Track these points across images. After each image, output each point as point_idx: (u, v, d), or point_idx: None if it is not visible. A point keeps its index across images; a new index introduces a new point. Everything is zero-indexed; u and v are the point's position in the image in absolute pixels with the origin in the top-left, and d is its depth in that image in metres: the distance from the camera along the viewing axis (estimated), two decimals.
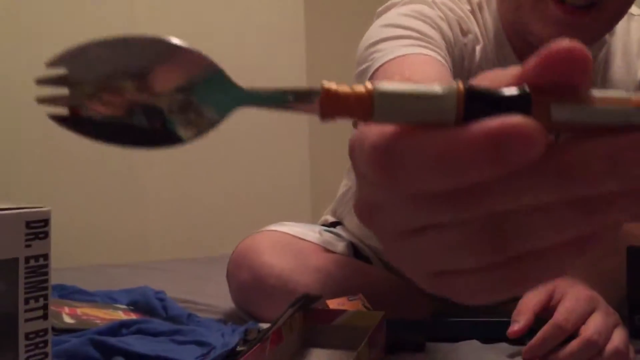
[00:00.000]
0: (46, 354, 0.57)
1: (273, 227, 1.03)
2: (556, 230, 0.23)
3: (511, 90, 0.22)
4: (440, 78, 0.67)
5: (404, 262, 0.26)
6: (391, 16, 0.82)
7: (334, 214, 1.16)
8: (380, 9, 0.87)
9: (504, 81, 0.23)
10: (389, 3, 0.86)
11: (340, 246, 1.03)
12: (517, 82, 0.23)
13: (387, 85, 0.23)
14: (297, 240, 0.99)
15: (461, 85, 0.22)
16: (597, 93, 0.23)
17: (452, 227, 0.23)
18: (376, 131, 0.23)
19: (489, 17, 0.87)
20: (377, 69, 0.73)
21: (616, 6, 0.77)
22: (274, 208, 2.10)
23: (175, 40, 0.25)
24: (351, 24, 1.22)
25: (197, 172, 2.11)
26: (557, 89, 0.22)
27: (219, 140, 2.13)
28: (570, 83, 0.22)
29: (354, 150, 0.25)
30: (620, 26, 0.91)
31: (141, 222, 2.05)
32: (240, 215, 2.03)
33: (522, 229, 0.23)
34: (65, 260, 1.67)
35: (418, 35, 0.76)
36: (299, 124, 2.23)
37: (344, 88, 0.23)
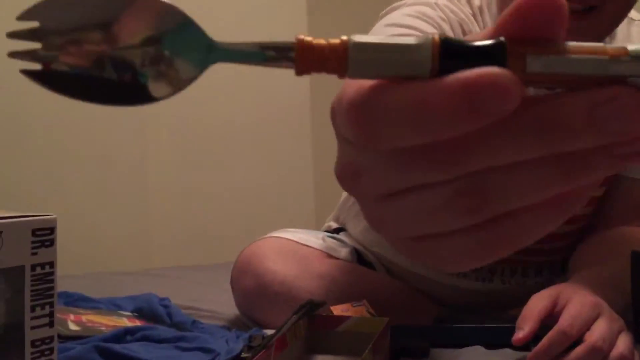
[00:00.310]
0: None
1: (276, 234, 1.03)
2: (535, 189, 0.22)
3: (486, 42, 0.22)
4: None
5: (385, 228, 0.25)
6: (394, 16, 0.83)
7: (337, 220, 1.17)
8: (383, 11, 0.88)
9: (482, 36, 0.23)
10: (392, 5, 0.87)
11: (343, 252, 1.03)
12: (494, 36, 0.22)
13: (362, 37, 0.22)
14: (301, 246, 0.99)
15: (436, 37, 0.22)
16: (573, 44, 0.22)
17: (432, 188, 0.23)
18: (354, 87, 0.23)
19: (489, 20, 0.87)
20: None
21: (615, 10, 0.77)
22: (278, 215, 2.10)
23: None
24: (354, 25, 1.23)
25: (201, 179, 2.11)
26: (534, 41, 0.22)
27: (222, 147, 2.13)
28: (546, 34, 0.22)
29: (334, 112, 0.24)
30: (621, 31, 0.91)
31: (146, 229, 2.06)
32: (244, 222, 2.03)
33: (502, 188, 0.22)
34: (71, 267, 1.68)
35: (418, 34, 0.77)
36: (302, 130, 2.23)
37: (320, 40, 0.23)
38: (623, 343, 0.68)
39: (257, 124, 2.09)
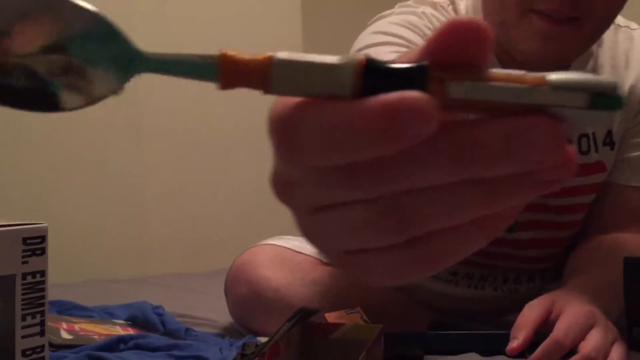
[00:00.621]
0: None
1: (270, 241, 1.03)
2: (455, 211, 0.23)
3: (410, 65, 0.22)
4: None
5: (316, 240, 0.26)
6: (381, 24, 0.83)
7: None
8: (371, 20, 0.88)
9: (411, 56, 0.23)
10: (381, 14, 0.87)
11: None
12: (421, 58, 0.22)
13: (286, 54, 0.22)
14: (295, 253, 0.99)
15: (360, 58, 0.22)
16: (497, 71, 0.22)
17: (356, 205, 0.23)
18: (282, 102, 0.23)
19: None
20: None
21: (596, 22, 0.77)
22: (274, 222, 2.09)
23: None
24: (348, 27, 1.23)
25: (196, 186, 2.11)
26: (457, 66, 0.22)
27: (218, 154, 2.13)
28: (469, 60, 0.22)
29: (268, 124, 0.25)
30: (608, 38, 0.91)
31: (141, 236, 2.05)
32: (240, 229, 2.03)
33: (424, 209, 0.23)
34: (65, 275, 1.67)
35: (403, 42, 0.77)
36: None
37: (245, 56, 0.23)
38: (617, 354, 0.68)
39: (254, 131, 2.08)
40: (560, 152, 0.22)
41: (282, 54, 0.22)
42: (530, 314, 0.72)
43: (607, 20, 0.80)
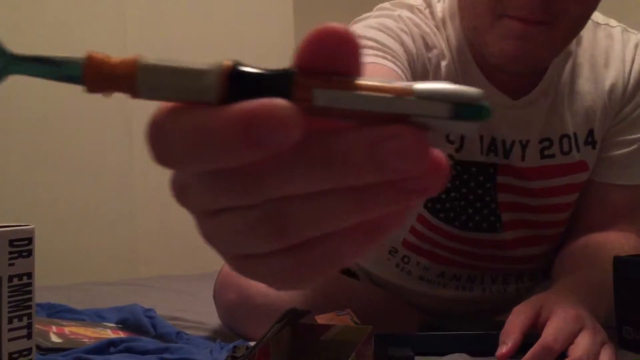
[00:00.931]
0: None
1: None
2: (331, 218, 0.23)
3: (275, 71, 0.22)
4: None
5: (211, 243, 0.26)
6: (357, 28, 0.83)
7: None
8: (350, 23, 0.88)
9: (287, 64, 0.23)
10: (358, 17, 0.87)
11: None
12: (294, 65, 0.22)
13: (152, 59, 0.22)
14: None
15: (227, 63, 0.22)
16: (365, 80, 0.22)
17: (238, 211, 0.23)
18: (159, 107, 0.23)
19: (452, 33, 0.86)
20: None
21: (569, 24, 0.78)
22: None
23: None
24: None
25: None
26: (325, 74, 0.22)
27: None
28: (337, 68, 0.22)
29: None
30: (586, 36, 0.91)
31: (131, 239, 2.05)
32: None
33: (299, 216, 0.23)
34: (54, 278, 1.66)
35: (378, 46, 0.77)
36: None
37: (112, 59, 0.23)
38: (606, 356, 0.69)
39: None
40: (423, 161, 0.22)
41: (149, 59, 0.22)
42: (518, 318, 0.72)
43: (581, 21, 0.80)
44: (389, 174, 0.22)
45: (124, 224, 2.04)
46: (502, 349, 0.71)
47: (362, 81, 0.22)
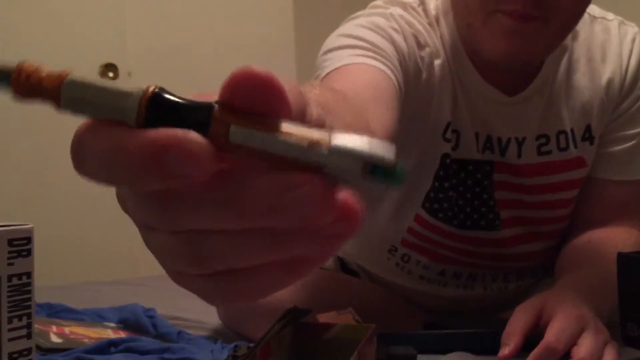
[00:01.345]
0: None
1: None
2: (248, 254, 0.23)
3: (195, 103, 0.22)
4: (372, 86, 0.69)
5: (152, 253, 0.26)
6: (348, 27, 0.82)
7: None
8: (344, 21, 0.87)
9: (210, 96, 0.23)
10: (351, 15, 0.86)
11: (327, 261, 1.02)
12: (219, 97, 0.22)
13: (79, 76, 0.23)
14: None
15: (151, 89, 0.22)
16: (287, 124, 0.22)
17: (164, 232, 0.24)
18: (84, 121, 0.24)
19: (446, 30, 0.86)
20: (324, 77, 0.74)
21: (562, 20, 0.77)
22: None
23: None
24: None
25: None
26: (249, 113, 0.22)
27: None
28: (267, 109, 0.22)
29: None
30: (583, 30, 0.90)
31: (130, 237, 2.04)
32: None
33: (218, 249, 0.23)
34: (54, 278, 1.66)
35: (367, 45, 0.76)
36: None
37: (42, 71, 0.23)
38: (610, 355, 0.68)
39: None
40: (327, 210, 0.22)
41: (75, 76, 0.23)
42: (520, 319, 0.72)
43: (575, 16, 0.79)
44: (295, 221, 0.22)
45: (124, 224, 2.03)
46: (505, 351, 0.70)
47: (282, 124, 0.22)
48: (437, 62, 0.85)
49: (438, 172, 0.88)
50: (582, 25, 0.88)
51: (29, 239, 0.56)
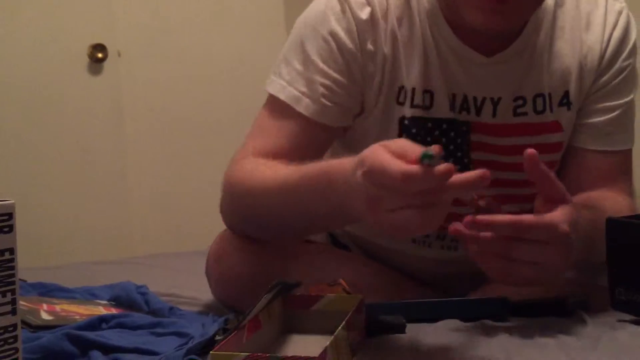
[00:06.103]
0: (16, 349, 0.57)
1: None
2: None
3: None
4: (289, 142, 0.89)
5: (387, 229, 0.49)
6: (305, 32, 0.90)
7: None
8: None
9: None
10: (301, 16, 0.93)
11: (318, 235, 1.02)
12: None
13: None
14: None
15: None
16: None
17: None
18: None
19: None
20: (270, 94, 0.91)
21: None
22: None
23: None
24: None
25: (180, 166, 2.10)
26: None
27: (202, 135, 2.11)
28: None
29: None
30: (547, 20, 0.91)
31: (125, 217, 2.04)
32: None
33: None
34: (47, 258, 1.66)
35: (311, 77, 0.87)
36: None
37: None
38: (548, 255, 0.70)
39: (237, 113, 2.07)
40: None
41: None
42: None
43: None
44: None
45: (117, 203, 2.04)
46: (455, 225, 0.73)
47: None
48: (403, 29, 0.88)
49: (401, 134, 0.89)
50: (547, 13, 0.90)
51: (10, 215, 0.56)
